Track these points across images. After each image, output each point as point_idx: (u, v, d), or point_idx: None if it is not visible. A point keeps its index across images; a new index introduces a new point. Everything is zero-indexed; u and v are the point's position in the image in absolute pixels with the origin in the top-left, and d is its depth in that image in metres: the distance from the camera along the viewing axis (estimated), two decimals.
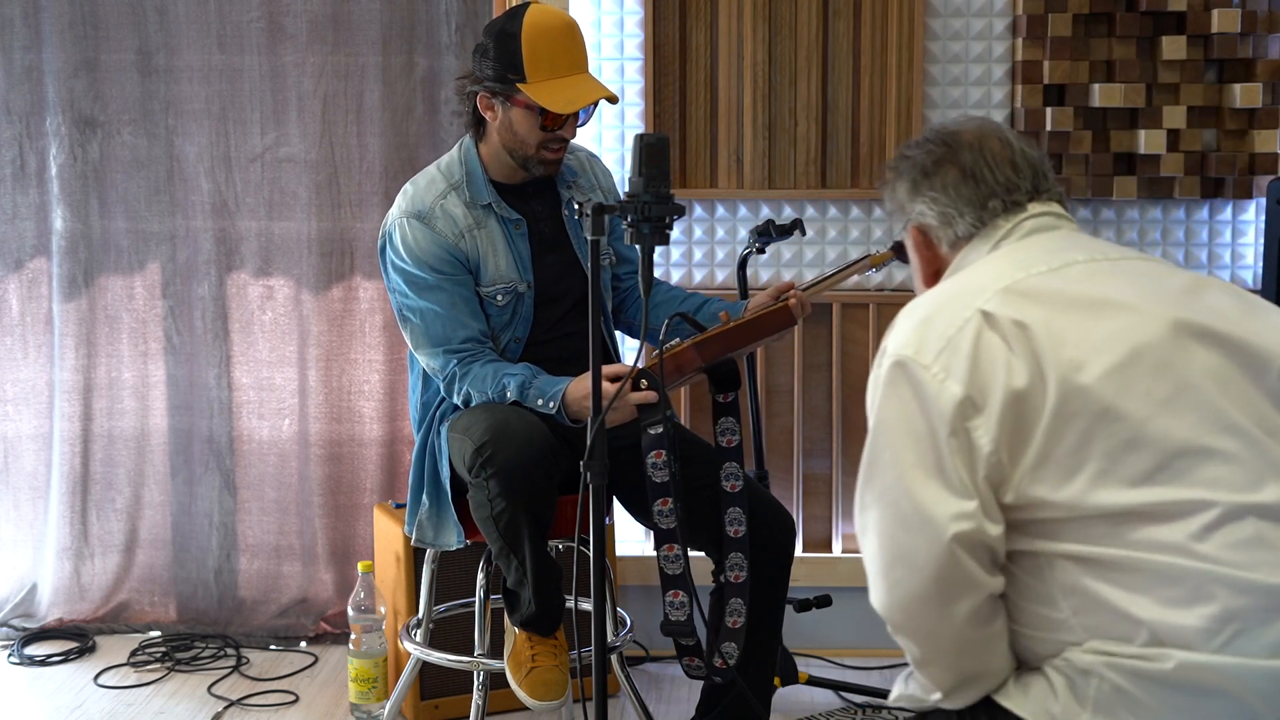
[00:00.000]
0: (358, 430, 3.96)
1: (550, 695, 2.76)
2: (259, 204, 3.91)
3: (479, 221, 2.89)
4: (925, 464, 1.74)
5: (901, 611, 1.78)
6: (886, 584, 1.77)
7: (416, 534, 2.99)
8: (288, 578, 4.02)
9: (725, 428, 2.82)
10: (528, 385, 2.76)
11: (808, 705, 3.53)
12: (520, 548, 2.72)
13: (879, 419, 1.83)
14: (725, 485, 2.79)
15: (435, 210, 2.88)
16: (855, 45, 3.71)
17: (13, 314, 4.01)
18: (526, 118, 2.83)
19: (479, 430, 2.72)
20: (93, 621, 4.05)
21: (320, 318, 3.92)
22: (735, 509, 2.79)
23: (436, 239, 2.86)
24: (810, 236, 3.74)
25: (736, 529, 2.78)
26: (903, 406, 1.78)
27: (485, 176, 2.92)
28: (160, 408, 4.01)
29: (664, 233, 2.36)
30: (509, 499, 2.67)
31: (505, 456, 2.65)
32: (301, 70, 3.85)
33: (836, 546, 3.85)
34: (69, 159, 3.91)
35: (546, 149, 2.87)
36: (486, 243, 2.89)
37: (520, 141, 2.86)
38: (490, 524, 2.72)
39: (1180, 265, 3.75)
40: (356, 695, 3.44)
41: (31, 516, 4.08)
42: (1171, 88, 3.61)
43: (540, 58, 2.79)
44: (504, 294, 2.89)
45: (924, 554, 1.71)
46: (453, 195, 2.90)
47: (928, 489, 1.72)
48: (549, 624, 2.83)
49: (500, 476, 2.66)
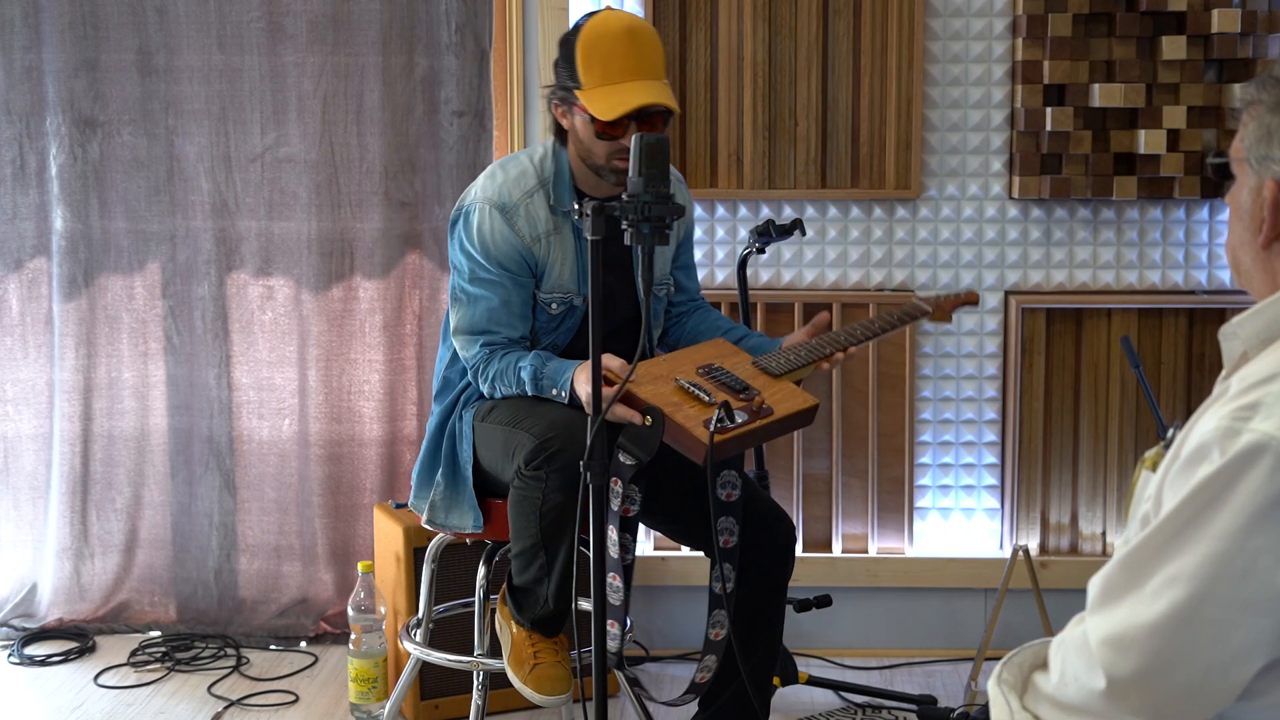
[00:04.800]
0: (358, 430, 3.96)
1: (557, 690, 2.76)
2: (259, 204, 3.91)
3: (557, 227, 2.86)
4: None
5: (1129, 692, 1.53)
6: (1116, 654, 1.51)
7: (428, 514, 2.95)
8: (288, 578, 4.02)
9: (724, 527, 2.76)
10: (539, 374, 2.75)
11: (808, 705, 3.53)
12: (557, 546, 2.71)
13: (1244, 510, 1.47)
14: (721, 494, 2.76)
15: (520, 207, 2.84)
16: (855, 45, 3.71)
17: (13, 314, 4.01)
18: (586, 126, 2.79)
19: (540, 426, 2.70)
20: (93, 621, 4.05)
21: (320, 318, 3.92)
22: (728, 519, 2.76)
23: (512, 237, 2.82)
24: (810, 236, 3.74)
25: (727, 539, 2.76)
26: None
27: (572, 182, 2.88)
28: (160, 408, 4.01)
29: (664, 233, 2.36)
30: (565, 494, 2.65)
31: (571, 454, 2.61)
32: (301, 70, 3.85)
33: (836, 546, 3.85)
34: (69, 159, 3.91)
35: (617, 158, 2.79)
36: (558, 250, 2.86)
37: (588, 150, 2.82)
38: (534, 518, 2.71)
39: (1180, 265, 3.75)
40: (356, 695, 3.44)
41: (31, 516, 4.08)
42: (1171, 88, 3.61)
43: (593, 64, 2.74)
44: (559, 303, 2.88)
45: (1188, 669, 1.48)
46: (539, 194, 2.85)
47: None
48: (559, 625, 2.83)
49: (563, 472, 2.64)
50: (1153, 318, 3.76)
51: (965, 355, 3.80)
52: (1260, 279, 1.65)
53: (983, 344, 3.79)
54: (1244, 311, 1.64)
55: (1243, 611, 1.46)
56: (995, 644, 3.69)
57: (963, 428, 3.82)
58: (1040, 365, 3.77)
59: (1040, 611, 3.55)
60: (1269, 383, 1.51)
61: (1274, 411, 1.47)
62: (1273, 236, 1.61)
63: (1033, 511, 3.82)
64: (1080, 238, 3.75)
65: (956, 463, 3.84)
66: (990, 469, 3.83)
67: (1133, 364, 3.34)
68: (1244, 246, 1.66)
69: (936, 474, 3.84)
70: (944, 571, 3.82)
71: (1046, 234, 3.75)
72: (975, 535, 3.85)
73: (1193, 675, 1.48)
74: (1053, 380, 3.78)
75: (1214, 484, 1.47)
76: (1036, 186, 3.67)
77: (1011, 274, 3.77)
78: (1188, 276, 3.76)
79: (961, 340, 3.79)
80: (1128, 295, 3.75)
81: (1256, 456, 1.45)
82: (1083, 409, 3.78)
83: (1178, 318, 3.76)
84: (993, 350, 3.79)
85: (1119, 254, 3.75)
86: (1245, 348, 1.63)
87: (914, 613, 3.86)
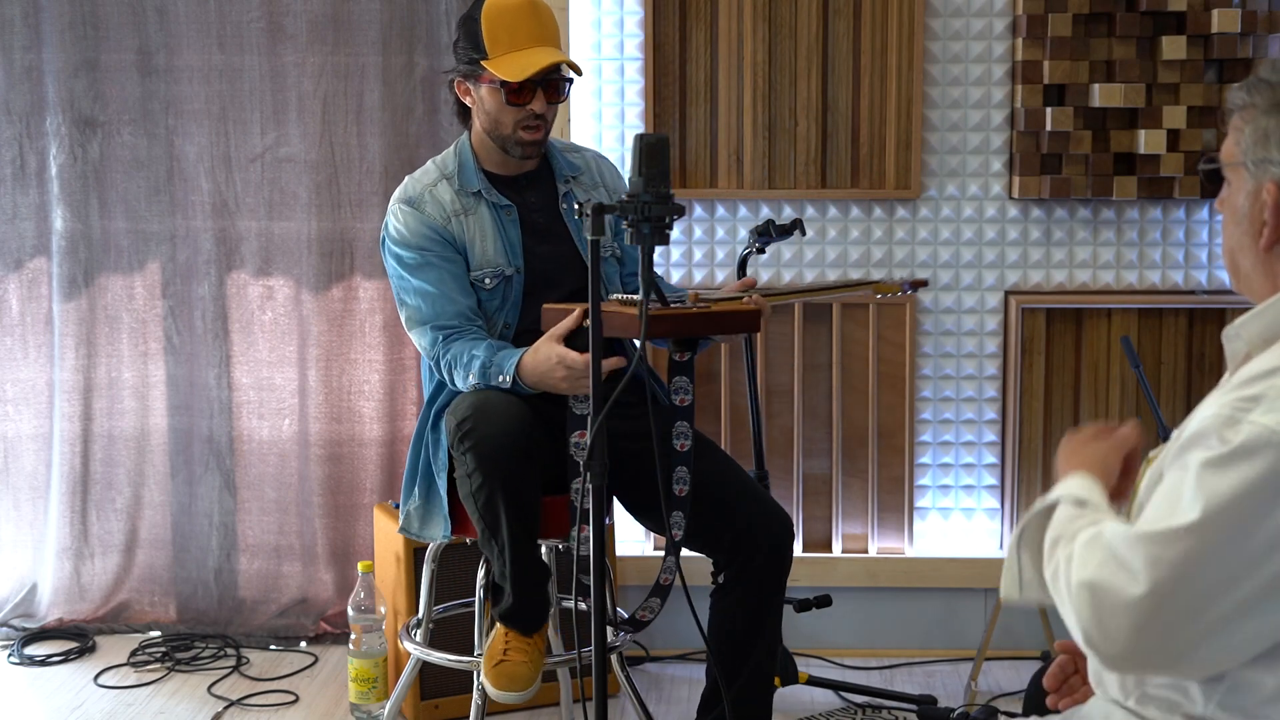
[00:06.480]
0: (358, 430, 3.96)
1: (514, 687, 2.79)
2: (259, 204, 3.91)
3: (467, 208, 2.93)
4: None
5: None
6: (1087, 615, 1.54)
7: (402, 523, 3.01)
8: (288, 578, 4.02)
9: (679, 386, 2.84)
10: (488, 365, 2.80)
11: (808, 705, 3.53)
12: (499, 530, 2.74)
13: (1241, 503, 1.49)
14: (675, 444, 2.82)
15: (424, 195, 2.93)
16: (855, 45, 3.71)
17: (13, 314, 4.01)
18: (493, 94, 2.87)
19: (462, 408, 2.76)
20: (93, 621, 4.05)
21: (320, 318, 3.92)
22: (682, 468, 2.82)
23: (424, 219, 2.91)
24: (810, 236, 3.74)
25: (681, 488, 2.82)
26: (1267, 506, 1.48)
27: (477, 165, 2.96)
28: (160, 408, 4.01)
29: (664, 233, 2.36)
30: (486, 474, 2.70)
31: (483, 432, 2.69)
32: (301, 70, 3.85)
33: (836, 546, 3.85)
34: (69, 159, 3.91)
35: (524, 128, 2.88)
36: (475, 227, 2.92)
37: (495, 121, 2.90)
38: (470, 501, 2.76)
39: (1180, 265, 3.75)
40: (356, 695, 3.44)
41: (31, 516, 4.08)
42: (1171, 88, 3.61)
43: (499, 33, 2.84)
44: (491, 278, 2.92)
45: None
46: (443, 183, 2.95)
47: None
48: (527, 622, 2.83)
49: (476, 451, 2.70)
50: (1153, 318, 3.76)
51: (965, 355, 3.80)
52: (1260, 282, 1.66)
53: (983, 344, 3.79)
54: (1246, 313, 1.65)
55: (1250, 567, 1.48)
56: (995, 644, 3.69)
57: (963, 428, 3.82)
58: (1040, 365, 3.77)
59: (1040, 611, 3.55)
60: (1271, 376, 1.52)
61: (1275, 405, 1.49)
62: (1275, 239, 1.62)
63: None
64: (1080, 238, 3.75)
65: (956, 463, 3.84)
66: (990, 469, 3.83)
67: (1133, 364, 3.34)
68: (1243, 250, 1.66)
69: (936, 474, 3.84)
70: (944, 571, 3.82)
71: (1046, 234, 3.75)
72: (975, 535, 3.85)
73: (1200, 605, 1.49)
74: (1053, 380, 3.78)
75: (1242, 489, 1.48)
76: (1036, 186, 3.67)
77: (1011, 274, 3.77)
78: (1188, 276, 3.75)
79: (961, 340, 3.79)
80: (1128, 295, 3.75)
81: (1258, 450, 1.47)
82: (1083, 409, 3.78)
83: (1178, 318, 3.76)
84: (993, 350, 3.79)
85: (1119, 254, 3.75)
86: (1248, 348, 1.64)
87: (914, 613, 3.86)
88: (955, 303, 3.78)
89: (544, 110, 2.89)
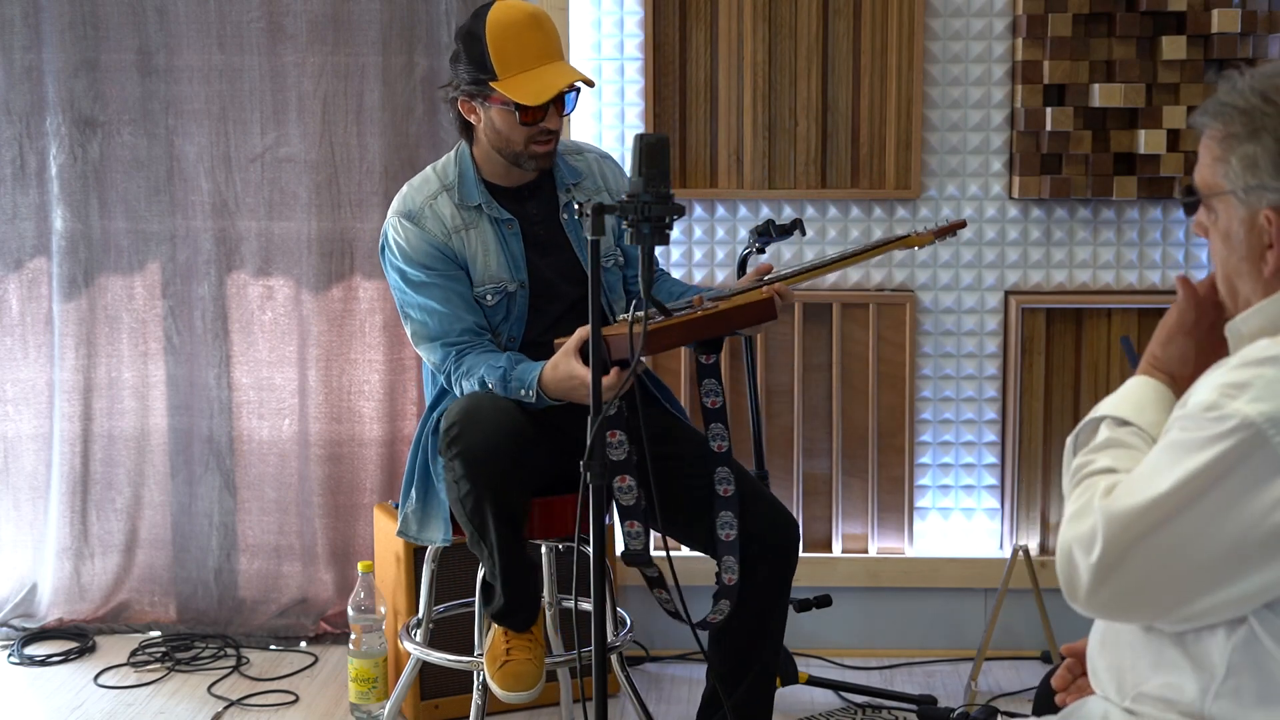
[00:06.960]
0: (358, 430, 3.96)
1: (521, 687, 2.79)
2: (259, 204, 3.91)
3: (469, 222, 2.91)
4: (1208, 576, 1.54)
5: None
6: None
7: (400, 527, 3.01)
8: (288, 578, 4.02)
9: (709, 389, 2.81)
10: (508, 377, 2.78)
11: (808, 705, 3.53)
12: (487, 534, 2.74)
13: (1200, 480, 1.53)
14: (719, 489, 2.79)
15: (425, 210, 2.90)
16: (855, 45, 3.71)
17: (13, 314, 4.01)
18: (505, 115, 2.83)
19: (452, 414, 2.76)
20: (93, 621, 4.05)
21: (320, 318, 3.92)
22: (727, 513, 2.79)
23: (426, 237, 2.88)
24: (810, 236, 3.74)
25: (728, 533, 2.79)
26: (1235, 493, 1.51)
27: (478, 178, 2.93)
28: (160, 408, 4.01)
29: (664, 233, 2.36)
30: (473, 481, 2.69)
31: (470, 439, 2.68)
32: (301, 70, 3.85)
33: (836, 546, 3.85)
34: (69, 159, 3.91)
35: (535, 143, 2.86)
36: (476, 242, 2.90)
37: (506, 140, 2.87)
38: (459, 506, 2.76)
39: (1180, 265, 3.75)
40: (356, 695, 3.44)
41: (31, 516, 4.08)
42: (1171, 88, 3.61)
43: (508, 53, 2.79)
44: (494, 293, 2.90)
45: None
46: (444, 196, 2.92)
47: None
48: (520, 620, 2.84)
49: (464, 458, 2.69)
50: (1153, 318, 3.76)
51: (965, 355, 3.79)
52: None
53: (983, 344, 3.79)
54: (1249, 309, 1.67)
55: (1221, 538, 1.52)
56: (995, 644, 3.69)
57: (963, 428, 3.82)
58: (1040, 365, 3.77)
59: (1040, 611, 3.55)
60: (1262, 365, 1.53)
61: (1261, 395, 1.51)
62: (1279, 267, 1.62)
63: (1033, 511, 3.82)
64: (1080, 238, 3.75)
65: (956, 463, 3.84)
66: (990, 469, 3.83)
67: (1132, 364, 3.30)
68: (1241, 276, 1.67)
69: (936, 474, 3.84)
70: (944, 571, 3.82)
71: (1046, 234, 3.75)
72: (975, 535, 3.85)
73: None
74: (1053, 380, 3.78)
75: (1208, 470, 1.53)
76: (1036, 186, 3.67)
77: (1011, 274, 3.77)
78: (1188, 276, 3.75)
79: (961, 340, 3.79)
80: (1128, 295, 3.75)
81: (1242, 438, 1.51)
82: (1083, 409, 3.78)
83: None
84: (993, 350, 3.79)
85: (1119, 254, 3.75)
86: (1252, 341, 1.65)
87: (914, 613, 3.86)
88: (955, 303, 3.78)
89: (557, 126, 2.88)
